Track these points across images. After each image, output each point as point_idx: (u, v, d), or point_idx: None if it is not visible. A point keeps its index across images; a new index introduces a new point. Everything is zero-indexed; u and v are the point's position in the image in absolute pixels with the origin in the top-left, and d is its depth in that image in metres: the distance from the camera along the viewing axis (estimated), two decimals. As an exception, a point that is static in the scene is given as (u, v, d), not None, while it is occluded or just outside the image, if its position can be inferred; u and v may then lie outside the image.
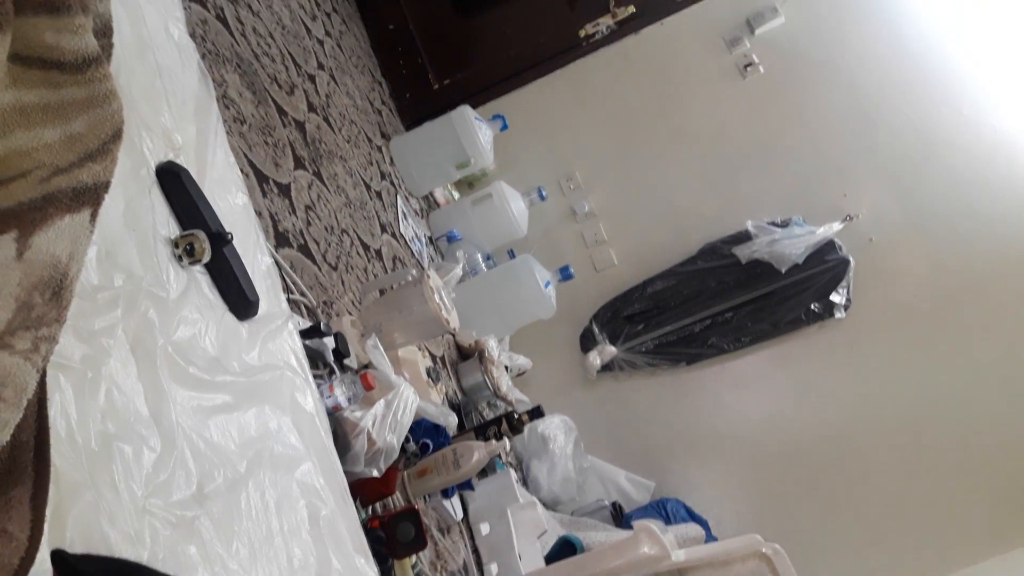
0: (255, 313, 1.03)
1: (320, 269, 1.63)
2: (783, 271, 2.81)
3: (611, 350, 2.90)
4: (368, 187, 2.40)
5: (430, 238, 2.93)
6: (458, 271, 2.55)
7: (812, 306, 2.79)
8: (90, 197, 0.65)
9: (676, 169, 3.18)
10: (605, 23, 3.34)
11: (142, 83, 1.07)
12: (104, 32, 0.88)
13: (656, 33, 3.31)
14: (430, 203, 3.14)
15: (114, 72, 0.81)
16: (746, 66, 3.16)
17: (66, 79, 0.66)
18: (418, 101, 3.44)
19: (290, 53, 2.15)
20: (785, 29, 3.17)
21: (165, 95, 1.12)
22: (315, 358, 1.30)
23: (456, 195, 3.30)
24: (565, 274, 2.85)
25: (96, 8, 0.87)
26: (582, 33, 3.37)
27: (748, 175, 3.08)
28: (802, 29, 3.16)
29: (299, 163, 1.81)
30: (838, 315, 2.80)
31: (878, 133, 2.99)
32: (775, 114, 3.11)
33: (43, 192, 0.61)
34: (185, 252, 0.94)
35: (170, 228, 0.96)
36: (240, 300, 1.00)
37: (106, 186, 0.67)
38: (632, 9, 3.33)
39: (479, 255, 2.91)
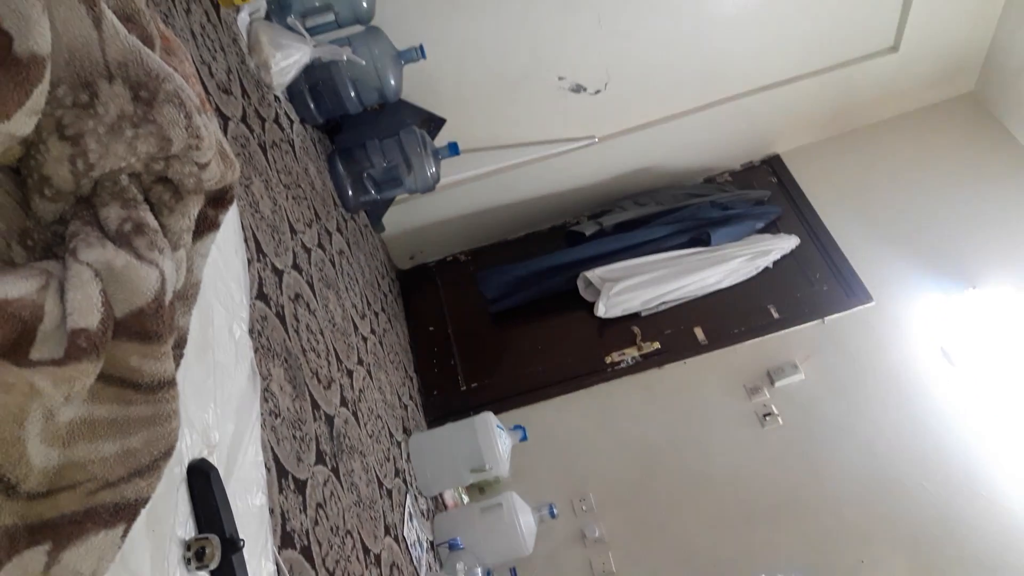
0: (245, 629, 1.00)
1: (317, 574, 1.58)
2: (797, 637, 2.64)
3: None
4: (381, 484, 2.39)
5: (432, 543, 2.84)
6: (455, 586, 2.43)
7: None
8: (128, 513, 0.67)
9: (691, 507, 3.12)
10: (631, 354, 3.52)
11: (196, 381, 1.13)
12: (179, 344, 0.96)
13: (678, 370, 3.46)
14: (438, 504, 3.09)
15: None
16: (765, 415, 3.24)
17: (138, 398, 0.71)
18: (445, 399, 3.55)
19: (335, 348, 2.28)
20: (804, 386, 3.29)
21: (214, 392, 1.19)
22: None
23: (466, 499, 3.25)
24: (567, 606, 2.70)
25: (178, 323, 0.96)
26: (608, 359, 3.54)
27: (764, 524, 3.01)
28: (821, 388, 3.28)
29: (320, 458, 1.84)
30: None
31: (896, 502, 2.95)
32: (793, 466, 3.11)
33: (86, 505, 0.64)
34: (195, 556, 0.94)
35: (187, 529, 0.97)
36: (234, 614, 0.97)
37: (145, 502, 0.70)
38: (657, 345, 3.52)
39: (479, 569, 2.79)
